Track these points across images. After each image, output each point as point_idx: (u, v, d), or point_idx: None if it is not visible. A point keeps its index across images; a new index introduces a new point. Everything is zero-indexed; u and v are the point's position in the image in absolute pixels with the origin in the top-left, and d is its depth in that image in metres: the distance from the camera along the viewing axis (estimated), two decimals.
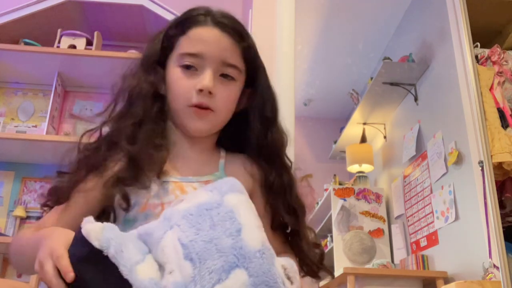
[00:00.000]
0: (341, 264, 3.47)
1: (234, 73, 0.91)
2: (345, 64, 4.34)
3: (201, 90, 0.87)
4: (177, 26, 0.94)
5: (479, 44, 2.44)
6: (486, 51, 2.45)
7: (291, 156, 0.99)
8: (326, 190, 4.21)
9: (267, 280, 0.64)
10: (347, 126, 4.30)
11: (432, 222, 3.07)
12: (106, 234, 0.66)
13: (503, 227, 1.97)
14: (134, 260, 0.65)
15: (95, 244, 0.65)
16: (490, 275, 2.03)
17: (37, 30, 1.97)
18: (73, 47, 1.90)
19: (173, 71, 0.91)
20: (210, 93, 0.88)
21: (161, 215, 0.74)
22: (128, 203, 0.82)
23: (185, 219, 0.69)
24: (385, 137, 4.19)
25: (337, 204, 3.87)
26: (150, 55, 0.95)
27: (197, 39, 0.90)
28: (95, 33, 1.95)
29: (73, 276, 0.64)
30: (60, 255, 0.65)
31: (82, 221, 0.69)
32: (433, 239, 3.07)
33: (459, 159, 2.73)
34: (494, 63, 2.41)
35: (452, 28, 2.74)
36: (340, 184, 4.13)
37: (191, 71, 0.89)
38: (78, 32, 1.93)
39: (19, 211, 1.87)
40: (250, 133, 0.95)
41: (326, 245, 4.19)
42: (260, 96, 0.96)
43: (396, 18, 3.80)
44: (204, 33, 0.90)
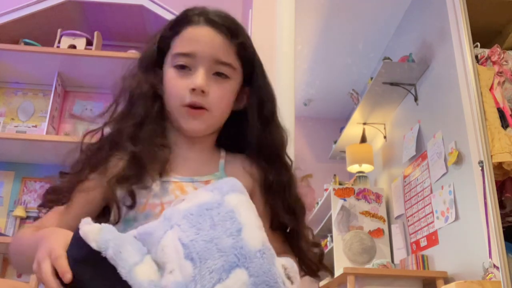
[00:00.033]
0: (341, 264, 3.47)
1: (228, 71, 0.91)
2: (345, 64, 4.34)
3: (193, 90, 0.87)
4: (171, 27, 0.94)
5: (479, 44, 2.43)
6: (486, 51, 2.45)
7: (291, 156, 0.98)
8: (326, 190, 4.20)
9: (267, 280, 0.64)
10: (347, 126, 4.30)
11: (432, 222, 3.07)
12: (104, 236, 0.66)
13: (503, 227, 1.96)
14: (132, 261, 0.65)
15: (93, 245, 0.65)
16: (490, 275, 2.03)
17: (37, 30, 1.97)
18: (73, 47, 1.90)
19: (168, 71, 0.92)
20: (203, 92, 0.87)
21: (162, 215, 0.74)
22: (134, 199, 0.83)
23: (185, 219, 0.69)
24: (385, 137, 4.19)
25: (337, 204, 3.86)
26: (147, 56, 0.95)
27: (189, 38, 0.90)
28: (95, 33, 1.95)
29: (71, 277, 0.63)
30: (59, 255, 0.65)
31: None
32: (433, 239, 3.07)
33: (459, 159, 2.73)
34: (494, 63, 2.41)
35: (452, 28, 2.74)
36: (340, 184, 4.13)
37: (184, 71, 0.89)
38: (78, 32, 1.93)
39: (19, 211, 1.87)
40: (248, 132, 0.94)
41: (326, 245, 4.19)
42: (258, 94, 0.95)
43: (396, 18, 3.80)
44: (196, 32, 0.90)
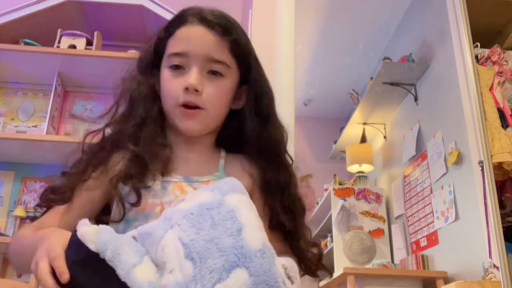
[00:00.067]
0: (341, 264, 3.47)
1: (222, 69, 0.90)
2: (345, 64, 4.34)
3: (187, 89, 0.87)
4: (167, 28, 0.94)
5: (479, 44, 2.43)
6: (486, 51, 2.45)
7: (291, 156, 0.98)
8: (326, 190, 4.21)
9: (267, 279, 0.64)
10: (347, 126, 4.30)
11: (432, 222, 3.07)
12: (102, 237, 0.65)
13: (503, 227, 1.96)
14: (131, 263, 0.65)
15: (91, 247, 0.64)
16: (490, 275, 2.02)
17: (37, 30, 1.97)
18: (73, 47, 1.90)
19: (163, 72, 0.92)
20: (196, 90, 0.87)
21: (162, 215, 0.73)
22: (139, 197, 0.82)
23: (185, 219, 0.69)
24: (385, 137, 4.19)
25: (337, 204, 3.87)
26: (145, 58, 0.96)
27: (182, 38, 0.90)
28: (95, 33, 1.95)
29: (68, 277, 0.63)
30: (57, 255, 0.65)
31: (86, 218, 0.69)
32: (433, 239, 3.07)
33: (459, 159, 2.73)
34: (494, 63, 2.41)
35: (452, 28, 2.74)
36: (340, 184, 4.13)
37: (179, 71, 0.89)
38: (78, 32, 1.93)
39: (19, 211, 1.87)
40: (246, 130, 0.93)
41: (326, 245, 4.19)
42: (254, 91, 0.94)
43: (396, 18, 3.80)
44: (189, 31, 0.90)
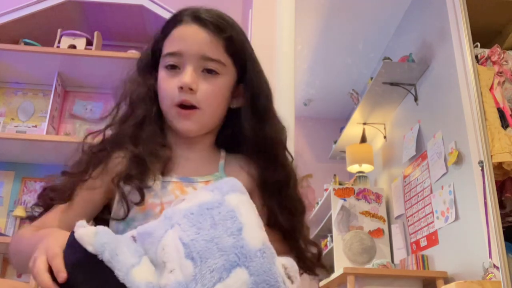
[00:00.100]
0: (341, 264, 3.47)
1: (217, 67, 0.90)
2: (345, 64, 4.34)
3: (181, 88, 0.87)
4: (163, 29, 0.94)
5: (479, 44, 2.43)
6: (486, 51, 2.45)
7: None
8: (326, 190, 4.21)
9: (267, 279, 0.64)
10: (347, 126, 4.30)
11: (432, 222, 3.07)
12: (100, 239, 0.65)
13: (503, 227, 1.97)
14: (129, 264, 0.64)
15: (89, 249, 0.64)
16: (490, 275, 2.02)
17: (37, 30, 1.97)
18: (73, 47, 1.90)
19: (160, 73, 0.92)
20: (191, 89, 0.87)
21: (162, 214, 0.73)
22: (143, 196, 0.82)
23: (186, 218, 0.69)
24: (385, 137, 4.19)
25: (337, 204, 3.87)
26: (144, 59, 0.96)
27: (176, 38, 0.90)
28: (95, 33, 1.95)
29: (65, 276, 0.62)
30: (55, 254, 0.65)
31: (86, 219, 0.68)
32: (433, 239, 3.07)
33: (459, 159, 2.73)
34: (494, 63, 2.41)
35: (452, 28, 2.74)
36: (340, 184, 4.13)
37: (174, 71, 0.89)
38: (78, 32, 1.93)
39: (19, 211, 1.87)
40: (243, 129, 0.93)
41: (326, 245, 4.19)
42: (250, 89, 0.93)
43: (396, 18, 3.80)
44: (183, 31, 0.90)
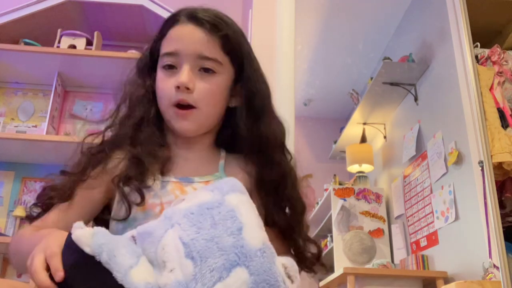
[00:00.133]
0: (341, 264, 3.47)
1: (214, 66, 0.90)
2: (345, 64, 4.34)
3: (178, 87, 0.87)
4: (161, 29, 0.94)
5: (479, 44, 2.43)
6: (486, 51, 2.45)
7: None
8: (326, 190, 4.21)
9: (268, 278, 0.64)
10: (347, 126, 4.30)
11: (432, 222, 3.07)
12: (97, 240, 0.65)
13: (503, 227, 1.97)
14: (127, 265, 0.64)
15: (87, 250, 0.64)
16: (490, 275, 2.02)
17: (37, 30, 1.97)
18: (73, 47, 1.90)
19: (158, 73, 0.92)
20: (187, 88, 0.87)
21: (162, 214, 0.74)
22: (143, 197, 0.83)
23: (186, 218, 0.69)
24: (385, 137, 4.19)
25: (337, 204, 3.87)
26: (142, 60, 0.96)
27: (173, 38, 0.91)
28: (95, 33, 1.95)
29: (63, 275, 0.63)
30: (53, 253, 0.65)
31: (86, 219, 0.68)
32: (433, 239, 3.07)
33: (459, 159, 2.73)
34: (494, 63, 2.41)
35: (452, 28, 2.74)
36: (340, 184, 4.13)
37: (171, 70, 0.89)
38: (78, 32, 1.93)
39: (19, 211, 1.87)
40: (238, 128, 0.93)
41: (326, 245, 4.19)
42: (247, 89, 0.93)
43: (396, 18, 3.80)
44: (180, 30, 0.91)
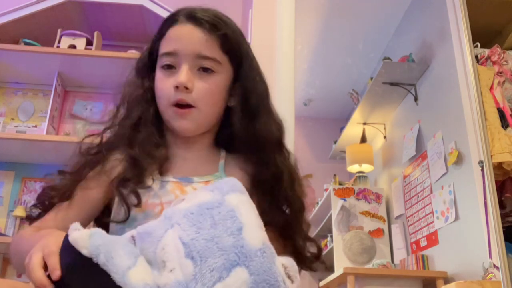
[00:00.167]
0: (341, 264, 3.47)
1: (213, 65, 0.90)
2: (345, 64, 4.34)
3: (177, 87, 0.87)
4: (159, 29, 0.95)
5: (479, 44, 2.43)
6: (486, 51, 2.45)
7: None
8: (326, 190, 4.21)
9: (267, 278, 0.64)
10: (347, 126, 4.30)
11: (432, 222, 3.07)
12: (94, 241, 0.65)
13: (503, 227, 1.97)
14: (125, 266, 0.64)
15: (84, 252, 0.64)
16: (490, 275, 2.03)
17: (37, 30, 1.97)
18: (73, 47, 1.90)
19: (157, 73, 0.92)
20: (186, 88, 0.87)
21: (162, 214, 0.73)
22: (139, 199, 0.83)
23: (186, 218, 0.69)
24: (385, 137, 4.19)
25: (337, 204, 3.87)
26: (141, 61, 0.97)
27: (172, 37, 0.91)
28: (95, 33, 1.95)
29: (59, 274, 0.63)
30: (52, 252, 0.65)
31: (86, 220, 0.68)
32: (433, 239, 3.07)
33: (459, 159, 2.73)
34: (494, 63, 2.41)
35: (452, 28, 2.74)
36: (340, 184, 4.13)
37: (170, 70, 0.90)
38: (78, 32, 1.93)
39: (19, 211, 1.87)
40: (234, 126, 0.92)
41: (326, 245, 4.19)
42: (243, 86, 0.93)
43: (396, 18, 3.80)
44: (178, 30, 0.91)
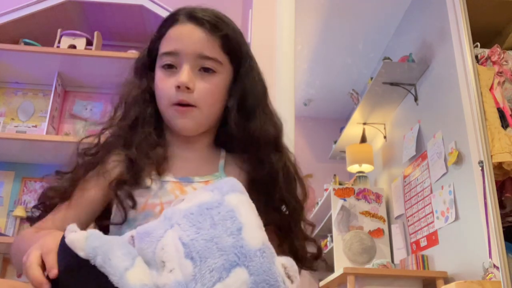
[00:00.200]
0: (341, 264, 3.47)
1: (214, 65, 0.90)
2: (345, 64, 4.34)
3: (178, 87, 0.87)
4: (159, 29, 0.95)
5: (479, 44, 2.43)
6: (486, 51, 2.45)
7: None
8: (326, 190, 4.21)
9: (267, 278, 0.64)
10: (347, 126, 4.30)
11: (432, 222, 3.07)
12: (91, 243, 0.64)
13: (503, 227, 1.97)
14: (123, 267, 0.64)
15: (81, 254, 0.64)
16: (490, 275, 2.02)
17: (37, 30, 1.97)
18: (73, 47, 1.90)
19: (157, 73, 0.92)
20: (188, 88, 0.87)
21: (162, 214, 0.73)
22: (134, 201, 0.83)
23: (185, 218, 0.69)
24: (385, 137, 4.19)
25: (337, 204, 3.87)
26: (140, 61, 0.96)
27: (173, 37, 0.91)
28: (95, 33, 1.95)
29: (56, 272, 0.63)
30: (50, 250, 0.65)
31: (85, 221, 0.68)
32: (433, 239, 3.07)
33: (459, 159, 2.73)
34: (494, 63, 2.41)
35: (452, 28, 2.74)
36: (340, 184, 4.13)
37: (171, 70, 0.90)
38: (78, 32, 1.93)
39: (19, 211, 1.87)
40: (230, 126, 0.92)
41: (326, 245, 4.19)
42: (242, 86, 0.93)
43: (396, 18, 3.80)
44: (179, 30, 0.91)
